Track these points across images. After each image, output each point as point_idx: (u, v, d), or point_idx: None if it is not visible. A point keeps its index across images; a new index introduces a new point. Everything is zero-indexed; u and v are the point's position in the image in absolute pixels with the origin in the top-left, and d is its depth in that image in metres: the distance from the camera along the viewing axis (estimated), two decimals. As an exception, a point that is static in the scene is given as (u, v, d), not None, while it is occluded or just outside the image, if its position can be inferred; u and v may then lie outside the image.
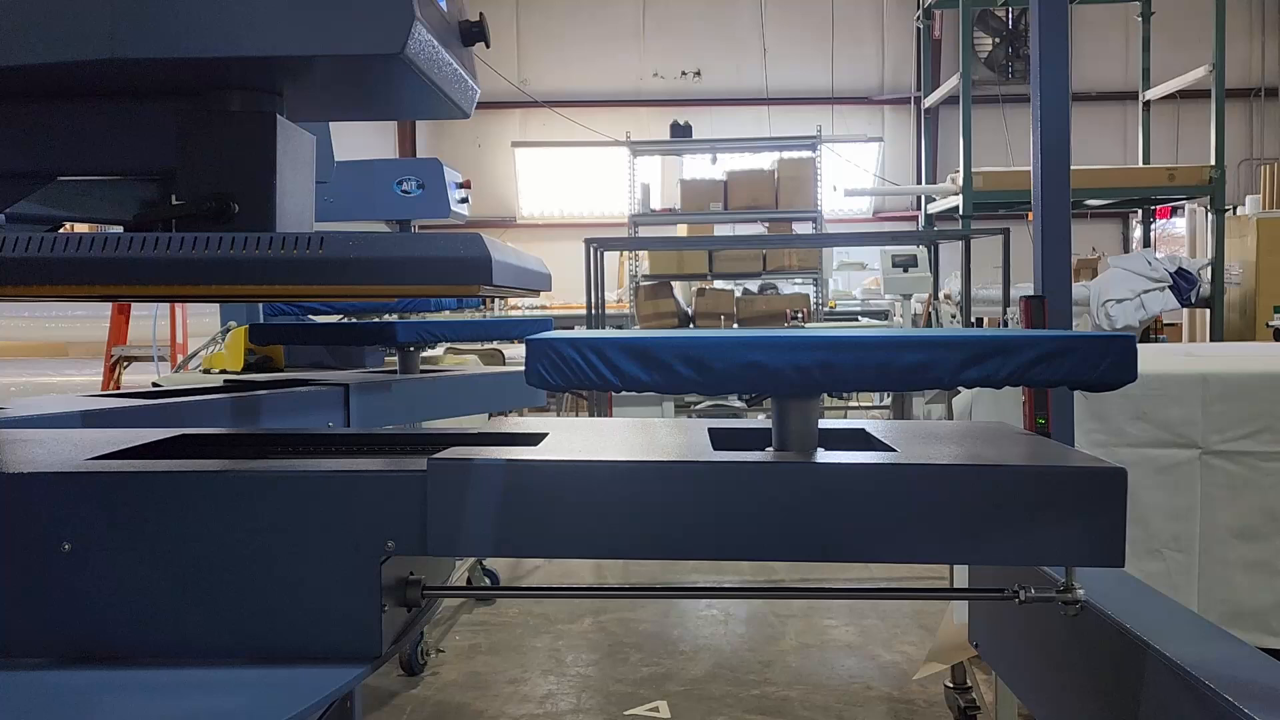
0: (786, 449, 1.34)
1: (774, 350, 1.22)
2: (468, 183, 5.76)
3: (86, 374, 6.99)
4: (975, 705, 2.98)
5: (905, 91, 14.09)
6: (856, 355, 1.21)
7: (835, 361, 1.21)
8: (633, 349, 1.23)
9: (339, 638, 1.28)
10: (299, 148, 1.50)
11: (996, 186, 8.10)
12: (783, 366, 1.21)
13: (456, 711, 3.18)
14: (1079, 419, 2.55)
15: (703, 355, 1.22)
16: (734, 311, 8.28)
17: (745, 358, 1.22)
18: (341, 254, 1.23)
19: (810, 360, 1.21)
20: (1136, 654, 1.27)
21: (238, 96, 1.40)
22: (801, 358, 1.21)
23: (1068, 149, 2.11)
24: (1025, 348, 1.20)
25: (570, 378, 1.24)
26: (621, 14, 14.17)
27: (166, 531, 1.29)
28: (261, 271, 1.22)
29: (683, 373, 1.22)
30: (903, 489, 1.21)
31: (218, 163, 1.38)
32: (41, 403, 2.40)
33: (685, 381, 1.23)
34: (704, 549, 1.24)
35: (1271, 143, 13.87)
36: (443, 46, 1.36)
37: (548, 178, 14.48)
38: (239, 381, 2.82)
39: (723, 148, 9.87)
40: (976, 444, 1.39)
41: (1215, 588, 2.75)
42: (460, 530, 1.26)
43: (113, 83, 1.38)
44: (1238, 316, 8.48)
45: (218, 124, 1.40)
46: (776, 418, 1.35)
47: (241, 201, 1.37)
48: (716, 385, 1.24)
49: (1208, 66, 8.19)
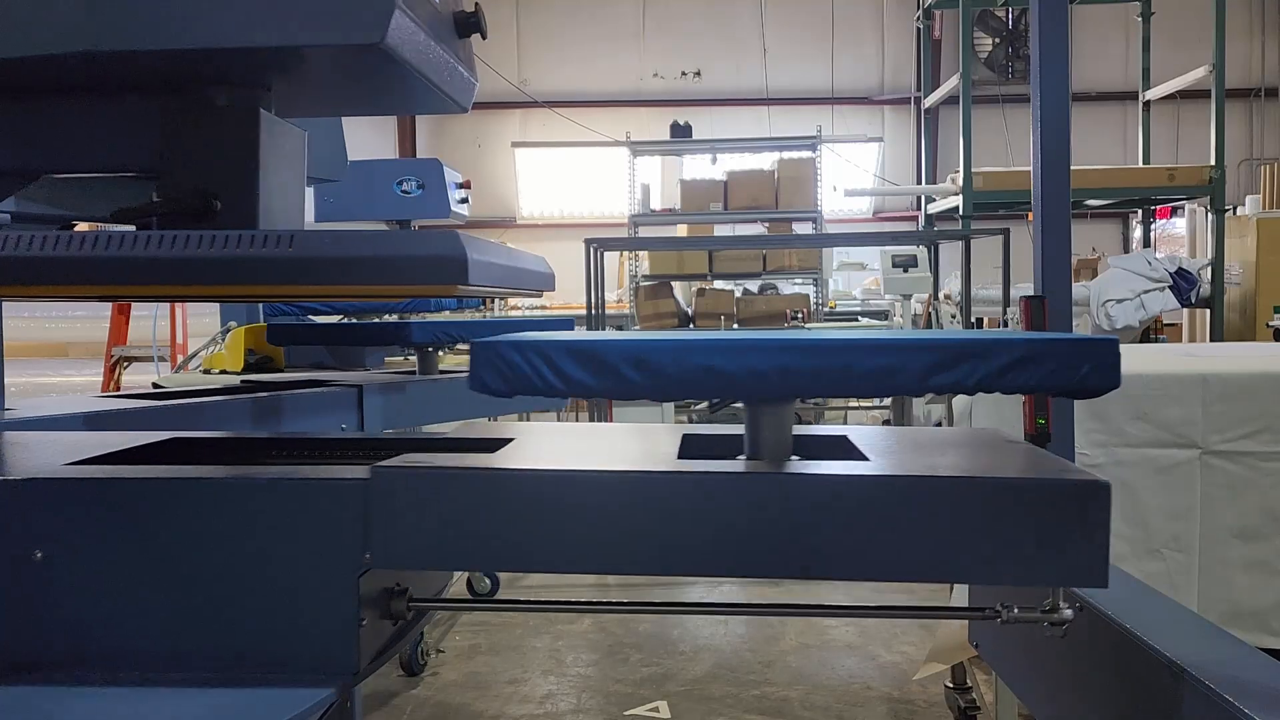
0: (758, 457, 1.27)
1: (728, 354, 1.15)
2: (468, 183, 5.76)
3: (86, 374, 7.00)
4: (975, 705, 2.98)
5: (905, 91, 14.08)
6: (816, 359, 1.14)
7: (793, 366, 1.14)
8: (579, 353, 1.17)
9: (313, 654, 1.21)
10: (287, 144, 1.47)
11: (996, 186, 8.09)
12: (737, 371, 1.14)
13: (456, 712, 3.18)
14: (1079, 419, 2.55)
15: (652, 359, 1.15)
16: (734, 312, 8.28)
17: (698, 361, 1.15)
18: (312, 253, 1.18)
19: (767, 364, 1.14)
20: (1136, 654, 1.27)
21: (220, 91, 1.37)
22: (757, 361, 1.14)
23: (1068, 149, 2.11)
24: (998, 352, 1.13)
25: (515, 383, 1.17)
26: (621, 14, 14.17)
27: (129, 540, 1.24)
28: (229, 271, 1.18)
29: (631, 377, 1.15)
30: (868, 501, 1.13)
31: (200, 159, 1.35)
32: (48, 404, 2.39)
33: (635, 387, 1.16)
34: (659, 563, 1.16)
35: (1271, 143, 13.87)
36: (433, 38, 1.33)
37: (548, 178, 14.48)
38: (256, 382, 2.81)
39: (723, 148, 9.86)
40: (958, 453, 1.33)
41: (1215, 588, 2.75)
42: (404, 541, 1.19)
43: (96, 78, 1.36)
44: (1238, 316, 8.47)
45: (199, 119, 1.36)
46: (748, 424, 1.29)
47: (224, 198, 1.33)
48: (668, 391, 1.17)
49: (1208, 66, 8.18)
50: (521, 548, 1.17)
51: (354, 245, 1.20)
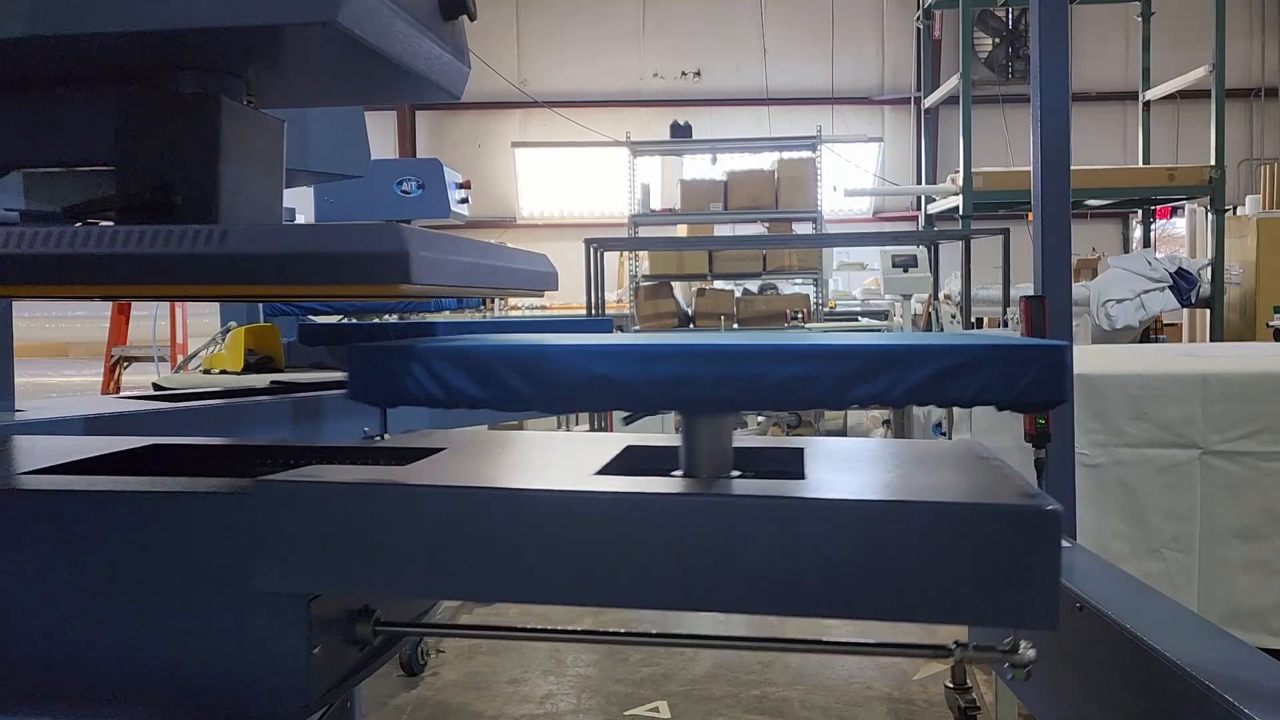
0: (693, 473, 1.16)
1: (624, 361, 1.04)
2: (468, 183, 5.77)
3: (86, 374, 7.00)
4: (975, 705, 2.98)
5: (905, 91, 14.09)
6: (721, 367, 1.02)
7: (695, 375, 1.03)
8: (461, 359, 1.07)
9: (262, 683, 1.11)
10: (259, 134, 1.38)
11: (996, 186, 8.10)
12: (633, 380, 1.04)
13: (456, 712, 3.18)
14: (1079, 419, 2.55)
15: (539, 367, 1.05)
16: (734, 312, 8.29)
17: (590, 370, 1.04)
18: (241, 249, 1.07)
19: (665, 372, 1.03)
20: (1136, 654, 1.27)
21: (178, 78, 1.29)
22: (655, 369, 1.03)
23: (1068, 149, 2.11)
24: (926, 360, 1.01)
25: (395, 392, 1.08)
26: (621, 14, 14.17)
27: (58, 557, 1.14)
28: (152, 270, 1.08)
29: (519, 387, 1.05)
30: (776, 526, 1.00)
31: (156, 150, 1.27)
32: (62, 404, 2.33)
33: (523, 397, 1.06)
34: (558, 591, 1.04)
35: (1271, 143, 13.87)
36: (406, 18, 1.26)
37: (548, 178, 14.48)
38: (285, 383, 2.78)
39: (723, 148, 9.87)
40: (911, 473, 1.20)
41: (1215, 588, 2.75)
42: (286, 561, 1.07)
43: (51, 68, 1.30)
44: (1238, 316, 8.48)
45: (155, 108, 1.28)
46: (683, 436, 1.17)
47: (184, 192, 1.25)
48: (559, 402, 1.07)
49: (1208, 66, 8.19)
50: (407, 570, 1.06)
51: (283, 241, 1.09)
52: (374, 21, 1.17)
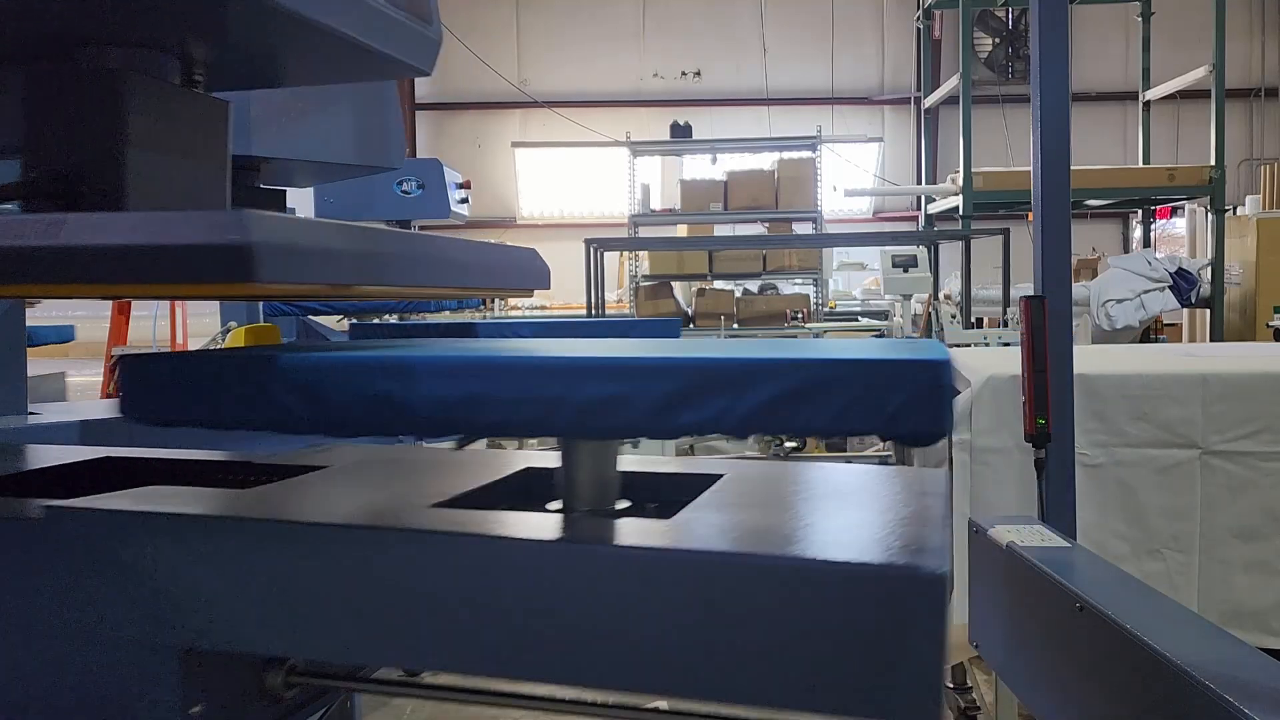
0: (572, 503, 1.01)
1: (406, 377, 0.89)
2: (468, 183, 5.77)
3: (86, 374, 7.00)
4: (975, 705, 2.98)
5: (905, 91, 14.09)
6: (518, 385, 0.87)
7: (487, 394, 0.87)
8: (233, 374, 0.93)
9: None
10: (189, 116, 1.25)
11: (996, 186, 8.11)
12: (415, 400, 0.88)
13: (456, 712, 3.18)
14: (1079, 419, 2.55)
15: (315, 383, 0.91)
16: (734, 312, 8.29)
17: (371, 387, 0.89)
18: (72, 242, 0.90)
19: (453, 392, 0.88)
20: (1136, 654, 1.27)
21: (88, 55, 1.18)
22: (442, 388, 0.88)
23: (1068, 149, 2.12)
24: (765, 380, 0.82)
25: (166, 409, 0.95)
26: (621, 14, 14.17)
27: None
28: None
29: (294, 407, 0.91)
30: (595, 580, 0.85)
31: (61, 132, 1.15)
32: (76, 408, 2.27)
33: (299, 419, 0.91)
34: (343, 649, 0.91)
35: (1271, 143, 13.88)
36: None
37: (548, 178, 14.48)
38: None
39: (723, 148, 9.87)
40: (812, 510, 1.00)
41: (1215, 588, 2.75)
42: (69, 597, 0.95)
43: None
44: (1238, 316, 8.48)
45: (60, 87, 1.15)
46: (561, 460, 1.02)
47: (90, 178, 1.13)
48: (338, 424, 0.92)
49: (1208, 66, 8.19)
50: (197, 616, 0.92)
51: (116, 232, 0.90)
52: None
